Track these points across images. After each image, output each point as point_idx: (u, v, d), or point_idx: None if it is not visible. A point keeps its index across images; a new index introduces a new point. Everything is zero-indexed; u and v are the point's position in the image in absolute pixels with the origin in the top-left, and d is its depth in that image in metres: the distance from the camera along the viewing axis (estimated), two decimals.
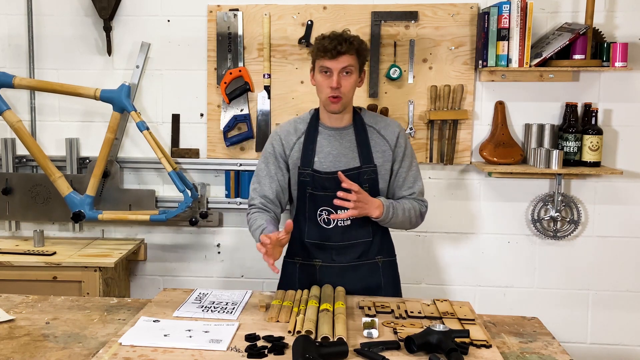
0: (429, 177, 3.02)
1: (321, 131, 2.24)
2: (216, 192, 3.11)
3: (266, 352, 1.63)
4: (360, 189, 2.08)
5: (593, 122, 2.87)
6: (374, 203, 2.12)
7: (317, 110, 2.30)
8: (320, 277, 2.22)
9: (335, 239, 2.22)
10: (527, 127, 2.96)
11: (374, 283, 2.26)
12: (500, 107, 2.96)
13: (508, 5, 2.76)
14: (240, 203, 3.05)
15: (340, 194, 2.04)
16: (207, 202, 3.07)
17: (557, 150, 2.82)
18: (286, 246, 2.33)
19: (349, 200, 2.06)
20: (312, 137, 2.23)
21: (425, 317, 1.90)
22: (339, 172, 2.09)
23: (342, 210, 2.12)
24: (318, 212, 2.22)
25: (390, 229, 2.33)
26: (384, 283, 2.27)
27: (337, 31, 2.18)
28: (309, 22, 2.95)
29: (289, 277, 2.29)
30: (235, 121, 3.01)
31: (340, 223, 2.21)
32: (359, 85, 2.21)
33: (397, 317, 1.90)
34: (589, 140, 2.85)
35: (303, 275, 2.25)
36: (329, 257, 2.23)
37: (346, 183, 2.05)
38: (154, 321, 1.84)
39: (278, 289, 2.28)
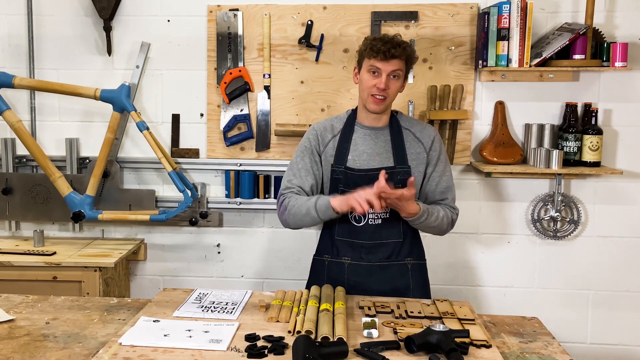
0: None
1: (357, 130, 2.26)
2: (216, 192, 3.11)
3: (266, 352, 1.63)
4: (403, 196, 2.05)
5: (593, 122, 2.87)
6: (411, 209, 2.09)
7: (354, 111, 2.31)
8: (349, 275, 2.23)
9: (366, 237, 2.22)
10: (527, 127, 2.96)
11: (403, 285, 2.26)
12: (500, 107, 2.96)
13: (508, 5, 2.76)
14: (240, 203, 3.05)
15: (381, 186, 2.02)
16: (207, 202, 3.07)
17: (557, 150, 2.82)
18: (316, 244, 2.36)
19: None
20: (348, 135, 2.25)
21: (425, 317, 1.90)
22: (382, 171, 2.05)
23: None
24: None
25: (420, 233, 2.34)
26: (413, 285, 2.27)
27: (388, 34, 2.20)
28: (309, 22, 2.95)
29: (318, 275, 2.30)
30: (235, 121, 3.01)
31: (370, 221, 2.21)
32: (401, 91, 2.23)
33: (397, 317, 1.90)
34: (589, 140, 2.85)
35: (332, 273, 2.25)
36: (358, 255, 2.24)
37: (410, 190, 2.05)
38: (154, 321, 1.84)
39: (307, 286, 2.28)
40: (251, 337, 1.73)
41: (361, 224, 2.22)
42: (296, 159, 2.29)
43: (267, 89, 3.00)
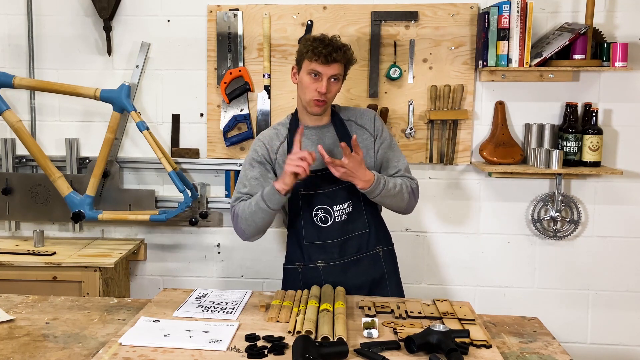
0: (429, 177, 3.02)
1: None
2: (216, 192, 3.11)
3: (266, 352, 1.63)
4: (354, 158, 2.04)
5: (593, 122, 2.87)
6: (365, 176, 2.07)
7: (295, 114, 2.30)
8: (325, 277, 2.21)
9: (335, 236, 2.21)
10: (527, 127, 2.96)
11: (378, 274, 2.26)
12: (500, 107, 2.96)
13: (508, 5, 2.76)
14: None
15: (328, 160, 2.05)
16: (207, 202, 3.07)
17: (557, 150, 2.82)
18: (285, 252, 2.33)
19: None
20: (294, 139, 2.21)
21: (425, 317, 1.90)
22: (319, 146, 2.06)
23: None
24: (314, 212, 2.21)
25: (384, 219, 2.34)
26: (387, 272, 2.28)
27: (327, 35, 2.17)
28: (309, 22, 2.95)
29: (292, 283, 2.25)
30: (235, 121, 3.01)
31: (337, 219, 2.21)
32: (338, 91, 2.23)
33: (397, 317, 1.90)
34: (589, 140, 2.85)
35: (307, 279, 2.22)
36: (330, 255, 2.22)
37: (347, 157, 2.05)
38: (154, 321, 1.84)
39: None
40: (251, 337, 1.73)
41: (328, 224, 2.21)
42: (245, 171, 2.25)
43: (267, 89, 3.00)
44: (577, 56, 2.77)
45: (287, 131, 2.27)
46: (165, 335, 1.73)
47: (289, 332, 1.75)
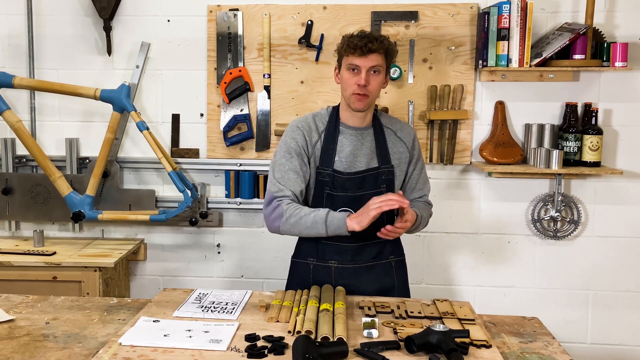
0: (429, 177, 3.01)
1: (342, 131, 2.18)
2: (216, 192, 3.11)
3: (266, 352, 1.63)
4: (409, 212, 2.07)
5: (593, 122, 2.87)
6: (413, 219, 2.12)
7: (335, 109, 2.23)
8: (336, 278, 2.20)
9: (353, 240, 2.18)
10: (527, 127, 2.96)
11: (388, 283, 2.25)
12: (500, 107, 2.96)
13: (508, 5, 2.76)
14: (240, 203, 3.05)
15: (389, 227, 2.07)
16: (207, 202, 3.07)
17: (557, 150, 2.82)
18: (294, 245, 2.32)
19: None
20: (333, 136, 2.17)
21: (425, 317, 1.90)
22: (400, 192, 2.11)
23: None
24: None
25: None
26: (397, 283, 2.27)
27: (365, 30, 2.15)
28: (309, 22, 2.95)
29: (302, 278, 2.24)
30: (235, 121, 3.01)
31: None
32: (384, 87, 2.17)
33: (397, 317, 1.90)
34: (589, 140, 2.85)
35: (318, 276, 2.21)
36: (345, 258, 2.21)
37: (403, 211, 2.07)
38: (154, 321, 1.84)
39: (287, 289, 2.25)
40: (251, 337, 1.73)
41: None
42: (282, 159, 2.15)
43: (267, 89, 3.00)
44: (577, 56, 2.77)
45: (325, 125, 2.19)
46: (165, 335, 1.73)
47: (289, 332, 1.75)
